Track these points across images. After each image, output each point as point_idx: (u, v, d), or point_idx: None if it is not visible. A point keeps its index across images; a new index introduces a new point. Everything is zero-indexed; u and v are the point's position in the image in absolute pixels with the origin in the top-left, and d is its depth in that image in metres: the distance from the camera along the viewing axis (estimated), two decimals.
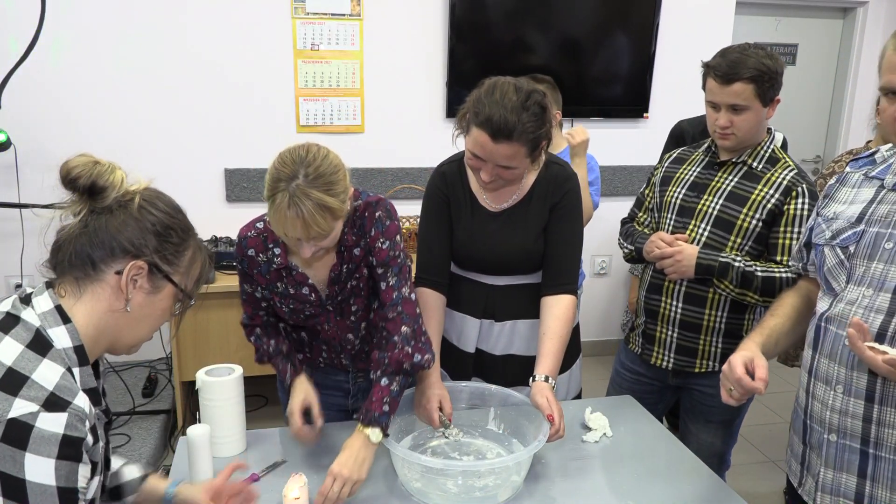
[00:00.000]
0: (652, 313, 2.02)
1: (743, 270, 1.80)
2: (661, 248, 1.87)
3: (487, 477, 1.48)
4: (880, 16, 4.30)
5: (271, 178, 1.43)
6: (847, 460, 1.34)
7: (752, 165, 1.87)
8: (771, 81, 1.76)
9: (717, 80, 1.77)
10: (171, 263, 1.06)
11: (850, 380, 1.31)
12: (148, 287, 1.05)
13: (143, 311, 1.06)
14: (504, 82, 1.59)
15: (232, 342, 3.13)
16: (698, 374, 1.99)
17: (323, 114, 3.59)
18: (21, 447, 0.87)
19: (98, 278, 1.02)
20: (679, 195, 1.97)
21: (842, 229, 1.37)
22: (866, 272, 1.30)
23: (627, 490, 1.52)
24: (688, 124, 2.92)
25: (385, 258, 1.59)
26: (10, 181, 3.22)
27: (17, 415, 0.87)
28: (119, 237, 1.01)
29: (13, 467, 0.87)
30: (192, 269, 1.11)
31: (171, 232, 1.06)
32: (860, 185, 1.40)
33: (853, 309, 1.31)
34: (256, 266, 1.62)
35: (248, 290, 1.69)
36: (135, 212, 1.03)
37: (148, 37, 3.32)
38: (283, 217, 1.40)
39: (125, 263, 1.01)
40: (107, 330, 1.04)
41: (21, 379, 0.90)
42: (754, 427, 3.36)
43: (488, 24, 3.64)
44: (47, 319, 0.98)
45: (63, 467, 0.89)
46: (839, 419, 1.33)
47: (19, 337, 0.95)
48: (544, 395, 1.58)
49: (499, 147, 1.57)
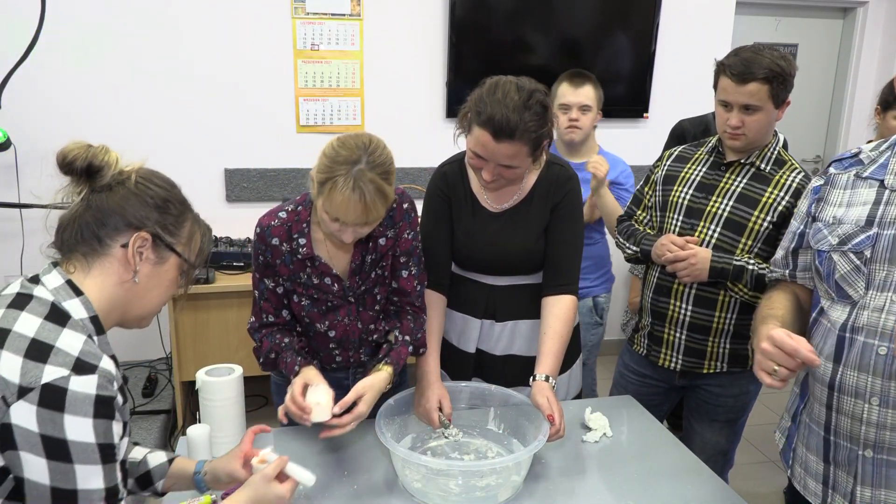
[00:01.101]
0: (659, 315, 2.01)
1: (757, 273, 1.79)
2: (674, 251, 1.85)
3: (488, 477, 1.48)
4: (880, 16, 4.30)
5: (329, 161, 1.45)
6: (887, 476, 1.26)
7: (760, 167, 1.86)
8: (784, 83, 1.75)
9: (733, 78, 1.75)
10: (172, 234, 1.11)
11: (888, 390, 1.23)
12: (154, 258, 1.10)
13: (151, 282, 1.11)
14: (506, 81, 1.59)
15: (232, 342, 3.13)
16: (706, 374, 1.98)
17: (323, 114, 3.59)
18: (59, 410, 0.91)
19: (105, 253, 1.06)
20: (686, 196, 1.95)
21: (851, 234, 1.31)
22: (888, 276, 1.24)
23: (627, 490, 1.52)
24: (689, 124, 2.92)
25: (409, 248, 1.66)
26: (10, 181, 3.21)
27: (50, 380, 0.91)
28: (121, 211, 1.06)
29: (54, 429, 0.91)
30: (192, 241, 1.16)
31: (170, 204, 1.11)
32: (852, 185, 1.35)
33: (882, 316, 1.23)
34: (280, 256, 1.61)
35: (270, 286, 1.65)
36: (133, 187, 1.07)
37: (148, 37, 3.31)
38: (344, 200, 1.42)
39: (129, 236, 1.06)
40: (117, 302, 1.09)
41: (46, 347, 0.94)
42: (754, 427, 3.35)
43: (489, 24, 3.64)
44: (60, 294, 1.02)
45: (100, 425, 0.95)
46: (876, 433, 1.25)
47: (36, 311, 0.98)
48: (545, 394, 1.58)
49: (501, 146, 1.56)
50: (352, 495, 1.47)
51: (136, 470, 1.30)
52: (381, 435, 1.46)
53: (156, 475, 1.31)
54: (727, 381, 1.98)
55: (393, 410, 1.63)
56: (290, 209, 1.62)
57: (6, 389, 0.91)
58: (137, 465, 1.31)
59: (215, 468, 1.32)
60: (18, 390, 0.91)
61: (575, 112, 2.49)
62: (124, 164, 1.10)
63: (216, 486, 1.32)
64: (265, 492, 1.22)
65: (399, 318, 1.72)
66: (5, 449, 0.92)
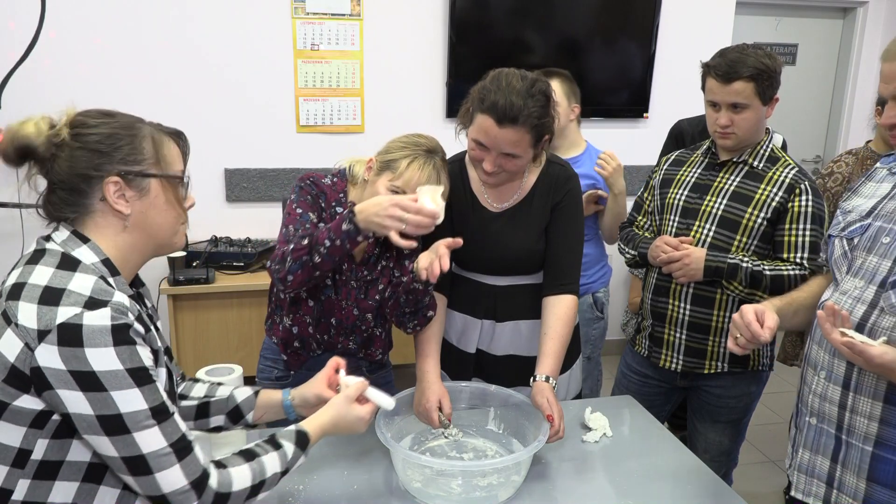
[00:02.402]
0: (659, 316, 2.01)
1: (751, 270, 1.80)
2: (668, 252, 1.87)
3: (489, 476, 1.48)
4: (880, 16, 4.30)
5: (406, 142, 1.60)
6: (823, 444, 1.40)
7: (753, 165, 1.88)
8: (770, 80, 1.77)
9: (718, 79, 1.78)
10: (137, 162, 1.07)
11: (832, 366, 1.37)
12: (135, 194, 1.07)
13: (148, 215, 1.10)
14: (509, 71, 1.61)
15: (232, 342, 3.13)
16: (707, 374, 1.98)
17: (323, 114, 3.59)
18: (78, 345, 0.95)
19: (89, 211, 1.07)
20: (681, 197, 1.96)
21: (852, 222, 1.41)
22: (863, 264, 1.35)
23: (627, 490, 1.52)
24: (687, 124, 2.92)
25: None
26: (10, 181, 3.20)
27: (64, 319, 0.95)
28: (78, 171, 1.04)
29: (78, 364, 0.95)
30: (162, 153, 1.11)
31: (116, 137, 1.06)
32: (883, 180, 1.42)
33: (844, 298, 1.36)
34: (329, 208, 1.67)
35: (314, 219, 1.63)
36: (72, 142, 1.05)
37: (148, 37, 3.31)
38: (424, 175, 1.56)
39: (101, 188, 1.05)
40: (127, 247, 1.09)
41: (58, 291, 0.98)
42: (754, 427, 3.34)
43: (489, 23, 3.64)
44: (68, 244, 1.05)
45: (123, 352, 0.97)
46: (819, 403, 1.40)
47: (48, 262, 1.02)
48: (545, 395, 1.58)
49: (504, 132, 1.56)
50: (352, 495, 1.47)
51: (224, 406, 1.36)
52: (381, 435, 1.46)
53: (244, 408, 1.36)
54: (729, 382, 1.98)
55: (393, 410, 1.62)
56: (331, 179, 1.70)
57: (27, 336, 0.95)
58: (226, 401, 1.36)
59: (303, 393, 1.37)
60: (38, 334, 0.95)
61: None
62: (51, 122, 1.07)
63: (305, 410, 1.35)
64: (346, 412, 1.29)
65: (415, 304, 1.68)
66: (43, 390, 0.97)
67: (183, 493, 1.03)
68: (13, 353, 0.96)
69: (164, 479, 1.02)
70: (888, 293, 1.27)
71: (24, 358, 0.95)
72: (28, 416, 0.98)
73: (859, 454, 1.34)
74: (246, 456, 1.16)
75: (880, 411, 1.30)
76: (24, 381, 0.96)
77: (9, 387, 0.97)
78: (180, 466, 1.03)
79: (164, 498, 1.03)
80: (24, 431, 0.99)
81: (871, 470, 1.32)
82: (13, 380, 0.96)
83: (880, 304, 1.29)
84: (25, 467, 1.00)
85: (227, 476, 1.10)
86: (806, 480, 1.45)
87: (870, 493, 1.33)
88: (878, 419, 1.30)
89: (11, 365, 0.96)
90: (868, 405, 1.31)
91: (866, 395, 1.31)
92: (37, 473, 1.01)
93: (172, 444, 1.02)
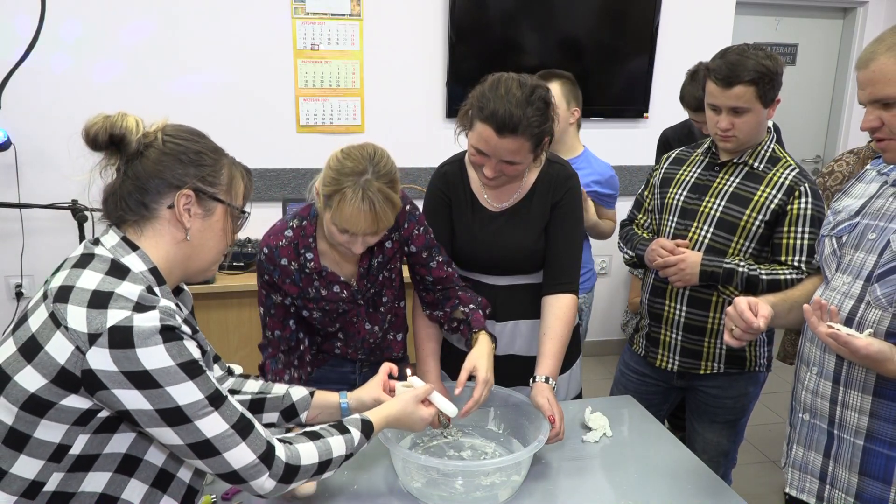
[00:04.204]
0: (656, 317, 2.02)
1: (748, 275, 1.79)
2: (664, 256, 1.86)
3: (489, 476, 1.48)
4: (880, 16, 4.30)
5: (335, 173, 1.47)
6: (816, 440, 1.42)
7: (754, 166, 1.87)
8: (771, 83, 1.75)
9: (718, 83, 1.76)
10: (212, 184, 1.13)
11: (823, 362, 1.39)
12: (201, 212, 1.12)
13: (204, 235, 1.14)
14: (507, 77, 1.59)
15: (232, 342, 3.13)
16: (703, 375, 1.99)
17: (323, 114, 3.59)
18: (129, 346, 0.97)
19: (153, 216, 1.10)
20: (680, 197, 1.96)
21: (841, 221, 1.43)
22: (851, 261, 1.37)
23: (627, 490, 1.52)
24: (672, 132, 2.92)
25: (425, 242, 1.70)
26: (10, 181, 3.21)
27: (115, 322, 0.97)
28: (159, 175, 1.08)
29: (130, 365, 0.97)
30: (233, 185, 1.17)
31: (203, 156, 1.12)
32: (872, 180, 1.45)
33: (833, 295, 1.38)
34: (289, 275, 1.63)
35: (277, 300, 1.66)
36: (162, 147, 1.09)
37: (148, 37, 3.31)
38: (354, 211, 1.44)
39: (173, 197, 1.09)
40: (176, 260, 1.13)
41: (107, 295, 1.00)
42: (754, 427, 3.36)
43: (488, 24, 3.64)
44: (118, 251, 1.07)
45: (172, 348, 1.00)
46: (811, 399, 1.42)
47: (97, 268, 1.04)
48: (545, 396, 1.58)
49: (503, 141, 1.56)
50: (352, 495, 1.47)
51: (279, 403, 1.40)
52: (381, 435, 1.46)
53: (300, 407, 1.41)
54: (726, 382, 1.98)
55: None
56: (296, 225, 1.63)
57: (78, 339, 0.97)
58: (281, 399, 1.40)
59: (359, 396, 1.43)
60: (88, 338, 0.97)
61: None
62: (148, 124, 1.11)
63: (360, 412, 1.37)
64: (412, 410, 1.37)
65: (452, 298, 1.74)
66: (96, 391, 0.98)
67: (253, 468, 1.09)
68: (63, 356, 0.97)
69: (232, 457, 1.07)
70: (873, 286, 1.30)
71: (74, 361, 0.97)
72: (73, 415, 1.00)
73: (850, 448, 1.36)
74: (311, 436, 1.21)
75: (870, 405, 1.32)
76: (73, 383, 0.98)
77: (56, 387, 0.98)
78: (246, 444, 1.08)
79: (236, 474, 1.08)
80: (67, 428, 1.01)
81: (862, 464, 1.34)
82: (62, 381, 0.98)
83: (867, 297, 1.32)
84: (62, 461, 1.02)
85: (295, 451, 1.15)
86: (800, 477, 1.47)
87: (862, 486, 1.35)
88: (868, 413, 1.32)
89: (61, 367, 0.97)
90: (858, 399, 1.33)
91: (856, 389, 1.33)
92: (72, 466, 1.03)
93: (234, 426, 1.07)
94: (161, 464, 1.12)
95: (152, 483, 1.12)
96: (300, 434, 1.21)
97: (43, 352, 0.98)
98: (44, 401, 0.98)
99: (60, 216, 3.12)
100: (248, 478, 1.09)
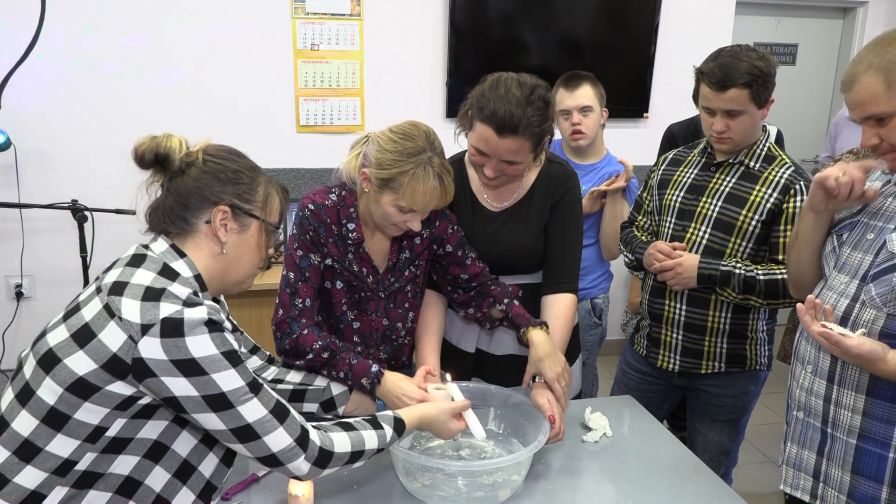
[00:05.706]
0: (656, 317, 2.02)
1: (745, 277, 1.80)
2: (661, 260, 1.87)
3: (490, 476, 1.48)
4: (880, 16, 4.30)
5: (396, 155, 1.48)
6: (809, 438, 1.43)
7: (749, 165, 1.87)
8: (765, 84, 1.75)
9: (712, 87, 1.76)
10: (249, 201, 1.21)
11: (818, 360, 1.39)
12: (237, 227, 1.20)
13: (240, 249, 1.22)
14: (507, 77, 1.59)
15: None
16: (704, 374, 1.99)
17: (323, 114, 3.59)
18: (179, 336, 1.04)
19: (193, 230, 1.18)
20: (678, 198, 1.96)
21: (843, 219, 1.44)
22: (848, 259, 1.38)
23: (627, 490, 1.52)
24: (678, 128, 2.91)
25: (459, 239, 1.72)
26: (10, 181, 3.21)
27: (167, 314, 1.05)
28: (198, 191, 1.16)
29: (179, 353, 1.05)
30: (269, 202, 1.25)
31: (240, 174, 1.20)
32: (877, 179, 1.46)
33: (830, 294, 1.38)
34: (332, 235, 1.60)
35: (315, 262, 1.59)
36: (203, 165, 1.17)
37: (147, 36, 3.31)
38: (428, 189, 1.47)
39: (210, 212, 1.17)
40: (214, 273, 1.20)
41: (159, 291, 1.08)
42: (754, 427, 3.35)
43: (488, 24, 3.64)
44: (167, 256, 1.16)
45: (216, 338, 1.08)
46: (806, 398, 1.44)
47: (150, 267, 1.13)
48: (545, 396, 1.58)
49: (504, 141, 1.57)
50: (352, 495, 1.47)
51: (319, 395, 1.52)
52: None
53: (339, 401, 1.54)
54: (726, 381, 1.98)
55: None
56: (338, 193, 1.61)
57: (131, 329, 1.04)
58: (321, 392, 1.53)
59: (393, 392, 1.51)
60: (141, 328, 1.04)
61: (576, 116, 2.41)
62: (191, 144, 1.19)
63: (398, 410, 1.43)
64: (445, 420, 1.43)
65: (487, 295, 1.73)
66: (144, 378, 1.05)
67: (290, 451, 1.15)
68: (116, 344, 1.04)
69: (271, 440, 1.13)
70: (868, 286, 1.31)
71: (126, 349, 1.04)
72: (116, 400, 1.06)
73: (843, 447, 1.36)
74: (345, 427, 1.27)
75: (863, 404, 1.33)
76: (122, 370, 1.04)
77: (105, 372, 1.04)
78: (283, 428, 1.15)
79: (275, 457, 1.15)
80: (107, 412, 1.07)
81: (855, 463, 1.35)
82: (112, 367, 1.04)
83: (861, 297, 1.32)
84: (97, 442, 1.08)
85: (329, 438, 1.22)
86: (794, 474, 1.48)
87: (854, 485, 1.36)
88: (861, 412, 1.33)
89: (113, 354, 1.04)
90: (851, 398, 1.34)
91: (850, 388, 1.34)
92: (106, 448, 1.09)
93: (272, 411, 1.14)
94: (185, 455, 1.17)
95: (174, 473, 1.16)
96: (334, 425, 1.26)
97: (96, 339, 1.05)
98: (90, 384, 1.04)
99: (60, 216, 3.12)
100: (285, 460, 1.15)
